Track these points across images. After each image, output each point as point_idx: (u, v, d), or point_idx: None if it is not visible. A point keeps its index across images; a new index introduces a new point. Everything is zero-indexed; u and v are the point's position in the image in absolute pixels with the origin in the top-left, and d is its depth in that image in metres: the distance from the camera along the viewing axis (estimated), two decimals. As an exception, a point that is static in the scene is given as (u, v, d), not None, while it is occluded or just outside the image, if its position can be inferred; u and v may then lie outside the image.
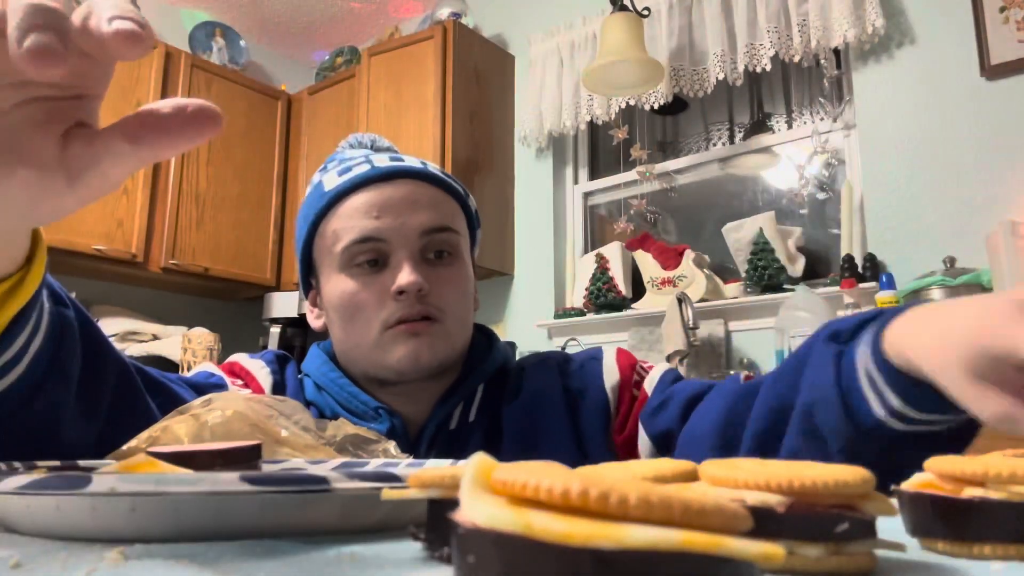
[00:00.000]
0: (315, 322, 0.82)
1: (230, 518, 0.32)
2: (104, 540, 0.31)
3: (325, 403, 0.79)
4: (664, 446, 0.72)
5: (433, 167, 0.81)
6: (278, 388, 0.80)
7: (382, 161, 0.78)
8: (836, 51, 2.50)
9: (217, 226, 3.47)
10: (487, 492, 0.20)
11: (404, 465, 0.47)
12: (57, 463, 0.46)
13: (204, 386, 0.75)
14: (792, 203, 2.65)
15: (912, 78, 2.34)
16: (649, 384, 0.77)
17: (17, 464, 0.45)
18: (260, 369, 0.80)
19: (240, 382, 0.79)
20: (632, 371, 0.79)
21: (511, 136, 3.29)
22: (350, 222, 0.75)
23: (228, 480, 0.31)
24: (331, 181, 0.78)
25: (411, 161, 0.80)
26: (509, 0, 3.45)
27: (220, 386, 0.77)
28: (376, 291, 0.74)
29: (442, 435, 0.77)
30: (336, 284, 0.76)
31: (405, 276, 0.73)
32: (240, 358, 0.82)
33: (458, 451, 0.75)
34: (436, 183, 0.79)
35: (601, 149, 3.22)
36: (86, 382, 0.56)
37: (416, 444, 0.77)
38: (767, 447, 0.59)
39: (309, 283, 0.83)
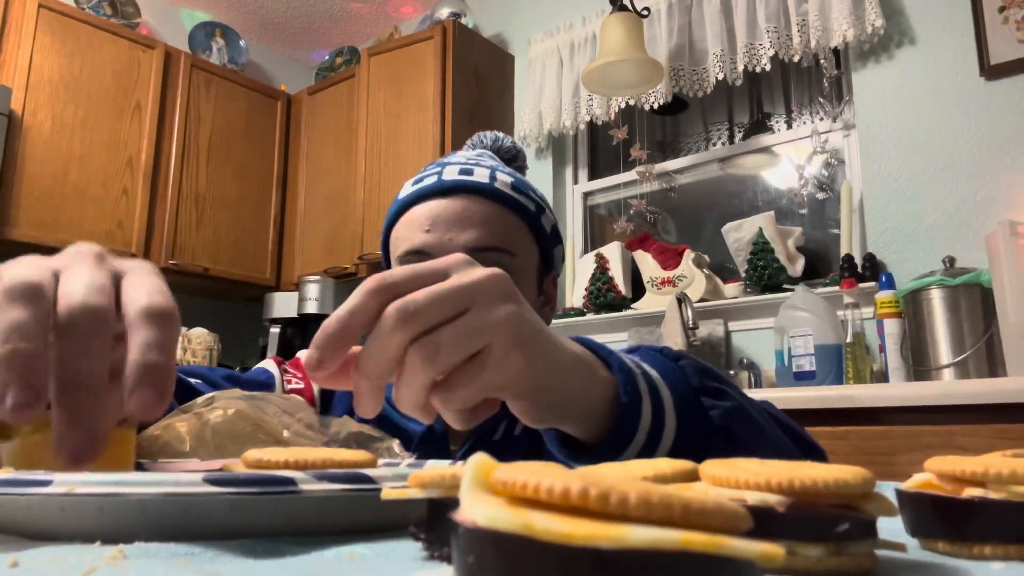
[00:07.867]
0: None
1: (238, 518, 0.32)
2: (107, 540, 0.31)
3: None
4: None
5: (504, 182, 0.81)
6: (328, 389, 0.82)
7: (451, 174, 0.80)
8: (836, 51, 2.50)
9: (217, 226, 3.47)
10: (487, 492, 0.20)
11: (405, 465, 0.47)
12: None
13: (245, 380, 0.78)
14: (792, 203, 2.65)
15: (912, 78, 2.34)
16: None
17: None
18: None
19: (300, 374, 0.83)
20: None
21: (511, 136, 3.29)
22: (407, 232, 0.79)
23: (236, 481, 0.31)
24: (405, 189, 0.83)
25: (480, 175, 0.80)
26: (509, 0, 3.45)
27: (267, 384, 0.80)
28: None
29: (482, 445, 0.77)
30: None
31: None
32: (303, 354, 0.85)
33: None
34: (500, 200, 0.80)
35: (601, 149, 3.22)
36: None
37: (457, 449, 0.77)
38: None
39: None
